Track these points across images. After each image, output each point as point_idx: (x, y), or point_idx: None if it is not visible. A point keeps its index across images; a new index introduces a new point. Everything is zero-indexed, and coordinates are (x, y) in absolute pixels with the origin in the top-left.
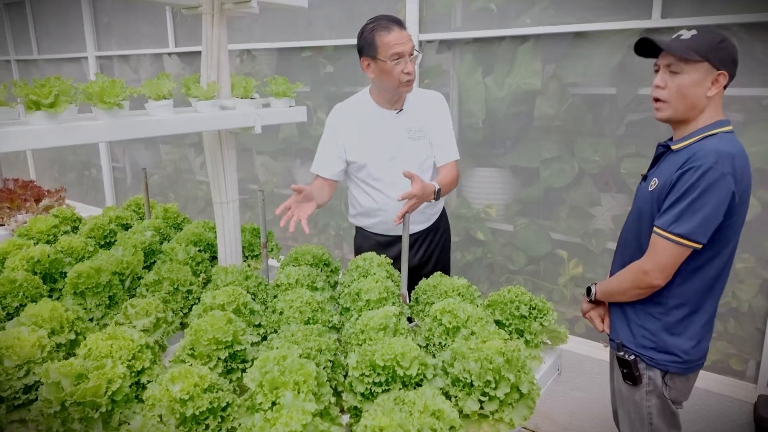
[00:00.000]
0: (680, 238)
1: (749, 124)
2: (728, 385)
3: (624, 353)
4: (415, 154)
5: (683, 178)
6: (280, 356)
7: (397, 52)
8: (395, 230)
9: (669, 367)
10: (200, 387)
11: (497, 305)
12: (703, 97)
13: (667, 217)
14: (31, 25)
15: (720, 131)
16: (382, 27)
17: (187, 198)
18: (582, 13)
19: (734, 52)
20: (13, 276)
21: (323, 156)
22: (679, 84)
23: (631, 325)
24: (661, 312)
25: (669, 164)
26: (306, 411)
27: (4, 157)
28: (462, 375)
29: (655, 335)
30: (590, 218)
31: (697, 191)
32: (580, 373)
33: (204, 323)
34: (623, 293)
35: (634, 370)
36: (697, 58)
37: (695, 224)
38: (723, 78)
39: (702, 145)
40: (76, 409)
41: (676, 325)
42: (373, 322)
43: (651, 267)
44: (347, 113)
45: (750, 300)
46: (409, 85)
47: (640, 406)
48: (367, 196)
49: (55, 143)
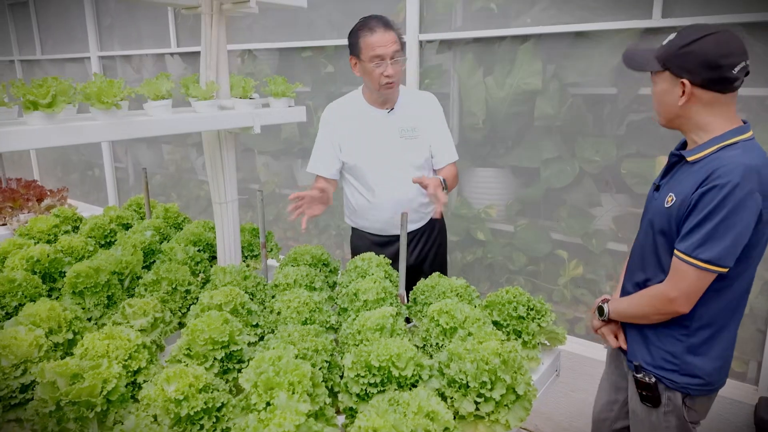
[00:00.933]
0: (706, 264)
1: (754, 124)
2: (729, 386)
3: (644, 375)
4: (408, 154)
5: (706, 197)
6: (275, 356)
7: (377, 54)
8: (390, 230)
9: (691, 390)
10: (195, 387)
11: (495, 306)
12: (676, 106)
13: (691, 241)
14: (35, 25)
15: (740, 139)
16: (367, 28)
17: (189, 198)
18: (582, 13)
19: (710, 53)
20: (12, 275)
21: (321, 156)
22: (655, 93)
23: (651, 347)
24: (684, 334)
25: (686, 177)
26: (299, 411)
27: (8, 156)
28: (458, 376)
29: (678, 357)
30: (591, 219)
31: (723, 212)
32: (580, 374)
33: (200, 323)
34: (644, 317)
35: (655, 391)
36: (656, 67)
37: (722, 248)
38: (687, 85)
39: (723, 159)
40: (72, 408)
41: (700, 346)
42: (370, 322)
43: (676, 294)
44: (340, 111)
45: (751, 301)
46: (390, 88)
47: (657, 427)
48: (360, 196)
49: (53, 143)
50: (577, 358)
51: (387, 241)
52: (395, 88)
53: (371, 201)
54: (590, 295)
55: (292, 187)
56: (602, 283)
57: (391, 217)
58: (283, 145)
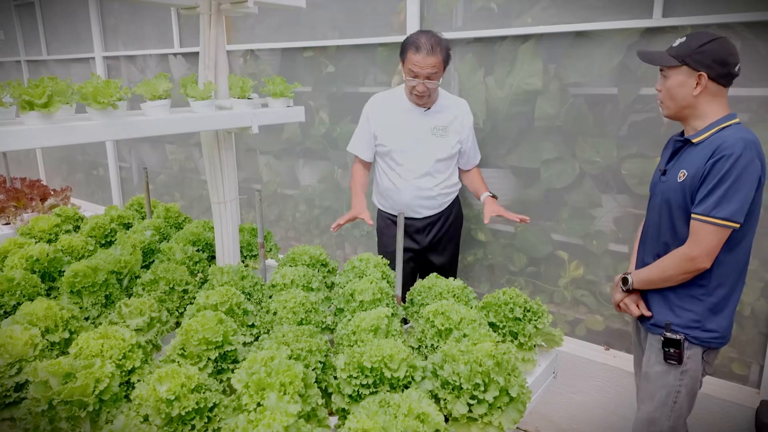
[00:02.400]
0: (723, 221)
1: (755, 123)
2: (730, 389)
3: (673, 333)
4: (436, 149)
5: (717, 166)
6: (267, 357)
7: (413, 72)
8: (409, 213)
9: (711, 343)
10: (187, 387)
11: (491, 307)
12: (690, 96)
13: (708, 204)
14: (41, 26)
15: (733, 122)
16: (414, 45)
17: (192, 197)
18: (583, 12)
19: (721, 52)
20: (11, 275)
21: (359, 140)
22: (667, 86)
23: (674, 308)
24: (703, 293)
25: (694, 156)
26: (289, 413)
27: (15, 157)
28: (451, 378)
29: (700, 315)
30: (591, 219)
31: (733, 176)
32: (582, 376)
33: (195, 323)
34: (669, 279)
35: (682, 349)
36: (674, 63)
37: (735, 207)
38: (703, 78)
39: (724, 136)
40: (64, 407)
41: (718, 305)
42: (364, 323)
43: (698, 252)
44: (381, 103)
45: (753, 303)
46: (420, 100)
47: (670, 386)
48: (386, 177)
49: (49, 143)
50: (579, 360)
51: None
52: (424, 99)
53: (397, 184)
54: (591, 297)
55: (294, 187)
56: (603, 285)
57: (411, 201)
58: (285, 145)
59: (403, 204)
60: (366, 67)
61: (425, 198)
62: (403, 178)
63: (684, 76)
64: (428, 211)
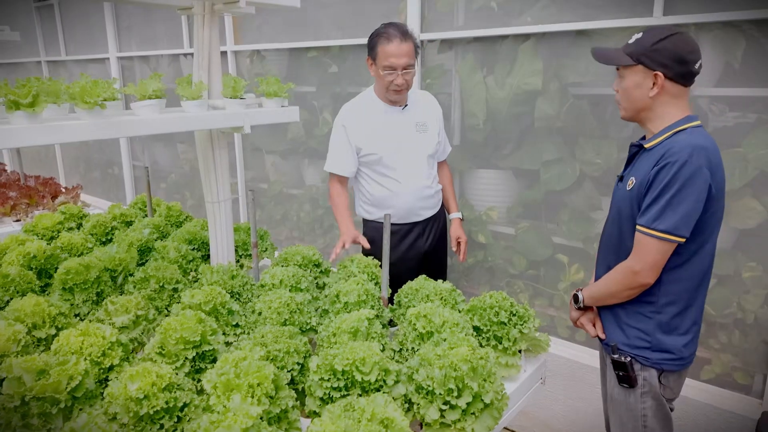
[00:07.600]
0: (664, 234)
1: (761, 125)
2: (732, 399)
3: (619, 355)
4: (422, 146)
5: (660, 174)
6: (239, 358)
7: (389, 64)
8: (407, 218)
9: (665, 365)
10: (158, 386)
11: (477, 311)
12: (647, 98)
13: (649, 215)
14: (59, 27)
15: (689, 126)
16: (385, 36)
17: (201, 197)
18: (583, 11)
19: (678, 49)
20: (6, 271)
21: (338, 156)
22: (623, 87)
23: (624, 327)
24: (652, 311)
25: (644, 162)
26: (249, 415)
27: (35, 155)
28: (425, 382)
29: (649, 335)
30: (591, 222)
31: (676, 186)
32: (580, 381)
33: (174, 322)
34: (614, 296)
35: (631, 371)
36: (629, 62)
37: (677, 219)
38: (660, 78)
39: (674, 141)
40: (36, 404)
41: (669, 323)
42: (345, 325)
43: (640, 266)
44: (356, 112)
45: (756, 311)
46: (398, 95)
47: (634, 409)
48: (380, 186)
49: (34, 142)
50: (577, 366)
51: (406, 229)
52: (403, 94)
53: (394, 190)
54: None
55: (299, 186)
56: None
57: (413, 204)
58: (290, 144)
59: (404, 209)
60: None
61: (425, 198)
62: (400, 182)
63: (640, 76)
64: (428, 211)
